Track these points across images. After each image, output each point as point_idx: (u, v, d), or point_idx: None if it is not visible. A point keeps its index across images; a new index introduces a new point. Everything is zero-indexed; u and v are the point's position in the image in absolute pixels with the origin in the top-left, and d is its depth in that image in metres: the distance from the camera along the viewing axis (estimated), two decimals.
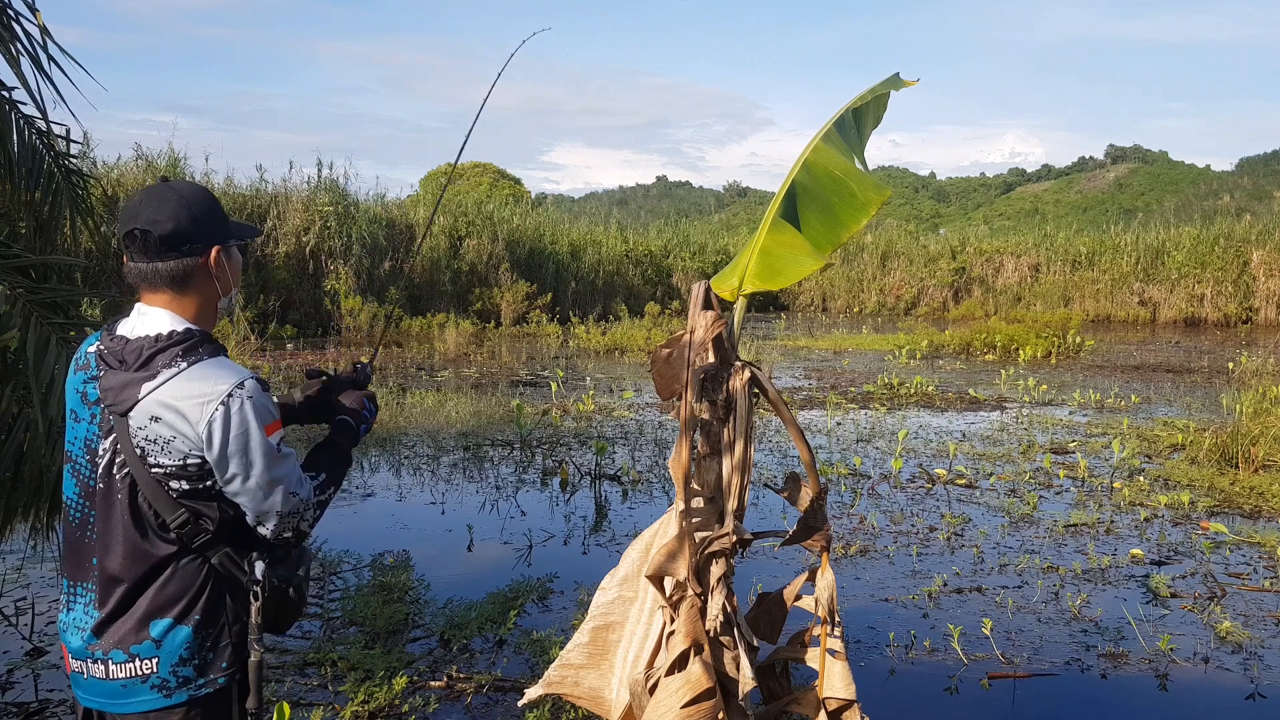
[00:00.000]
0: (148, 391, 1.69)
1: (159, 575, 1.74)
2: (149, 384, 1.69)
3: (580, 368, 15.08)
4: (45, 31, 3.67)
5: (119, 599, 1.74)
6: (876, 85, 2.80)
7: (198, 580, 1.77)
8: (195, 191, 1.82)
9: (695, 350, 2.19)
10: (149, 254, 1.76)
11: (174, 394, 1.69)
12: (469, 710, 3.70)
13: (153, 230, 1.74)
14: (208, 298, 1.84)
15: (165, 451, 1.70)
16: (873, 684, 3.97)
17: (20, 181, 3.84)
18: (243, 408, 1.70)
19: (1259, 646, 4.41)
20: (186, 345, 1.74)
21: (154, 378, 1.70)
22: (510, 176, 46.09)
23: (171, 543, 1.74)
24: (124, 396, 1.70)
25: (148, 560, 1.73)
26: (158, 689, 1.74)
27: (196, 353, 1.74)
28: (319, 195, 21.42)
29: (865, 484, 7.42)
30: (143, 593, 1.74)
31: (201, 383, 1.70)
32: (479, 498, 6.99)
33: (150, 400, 1.69)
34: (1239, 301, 25.88)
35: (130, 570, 1.73)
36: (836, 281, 32.46)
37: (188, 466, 1.71)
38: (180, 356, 1.72)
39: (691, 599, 2.15)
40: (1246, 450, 7.89)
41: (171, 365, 1.71)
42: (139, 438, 1.70)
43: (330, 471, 1.95)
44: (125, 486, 1.73)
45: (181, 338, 1.74)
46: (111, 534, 1.74)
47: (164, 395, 1.69)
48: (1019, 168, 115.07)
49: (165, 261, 1.76)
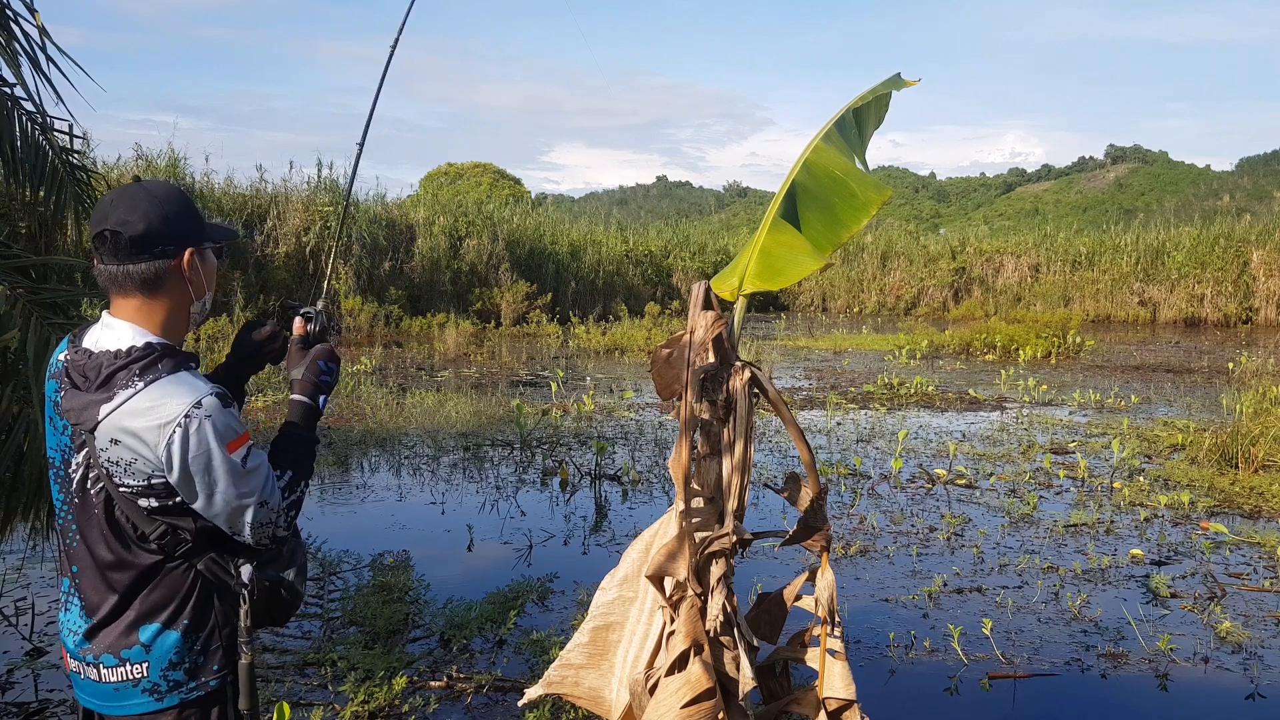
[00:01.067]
0: (106, 414, 1.63)
1: (145, 582, 1.73)
2: (106, 406, 1.64)
3: (580, 368, 15.08)
4: (44, 32, 3.67)
5: (108, 606, 1.73)
6: (878, 85, 2.80)
7: (184, 585, 1.75)
8: (168, 191, 1.76)
9: (695, 350, 2.19)
10: (119, 256, 1.69)
11: (131, 417, 1.63)
12: (469, 710, 3.70)
13: (123, 231, 1.67)
14: (180, 302, 1.78)
15: (129, 473, 1.66)
16: (873, 684, 3.97)
17: (25, 179, 3.84)
18: (200, 428, 1.64)
19: (1259, 646, 4.41)
20: (145, 362, 1.67)
21: (111, 399, 1.64)
22: (510, 176, 46.07)
23: (154, 552, 1.73)
24: (85, 417, 1.66)
25: (132, 569, 1.72)
26: (149, 693, 1.74)
27: (155, 370, 1.67)
28: (319, 195, 21.42)
29: (865, 484, 7.42)
30: (130, 599, 1.73)
31: (158, 404, 1.63)
32: (479, 498, 6.98)
33: (108, 424, 1.64)
34: (1239, 301, 25.87)
35: (115, 578, 1.72)
36: (836, 281, 32.44)
37: (153, 486, 1.67)
38: (137, 375, 1.65)
39: (691, 599, 2.15)
40: (1246, 450, 7.88)
41: (128, 385, 1.65)
42: (103, 458, 1.66)
43: (294, 466, 1.84)
44: (101, 501, 1.71)
45: (141, 354, 1.68)
46: (94, 543, 1.73)
47: (121, 419, 1.63)
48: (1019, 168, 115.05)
49: (136, 264, 1.70)
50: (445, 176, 43.12)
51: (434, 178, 42.63)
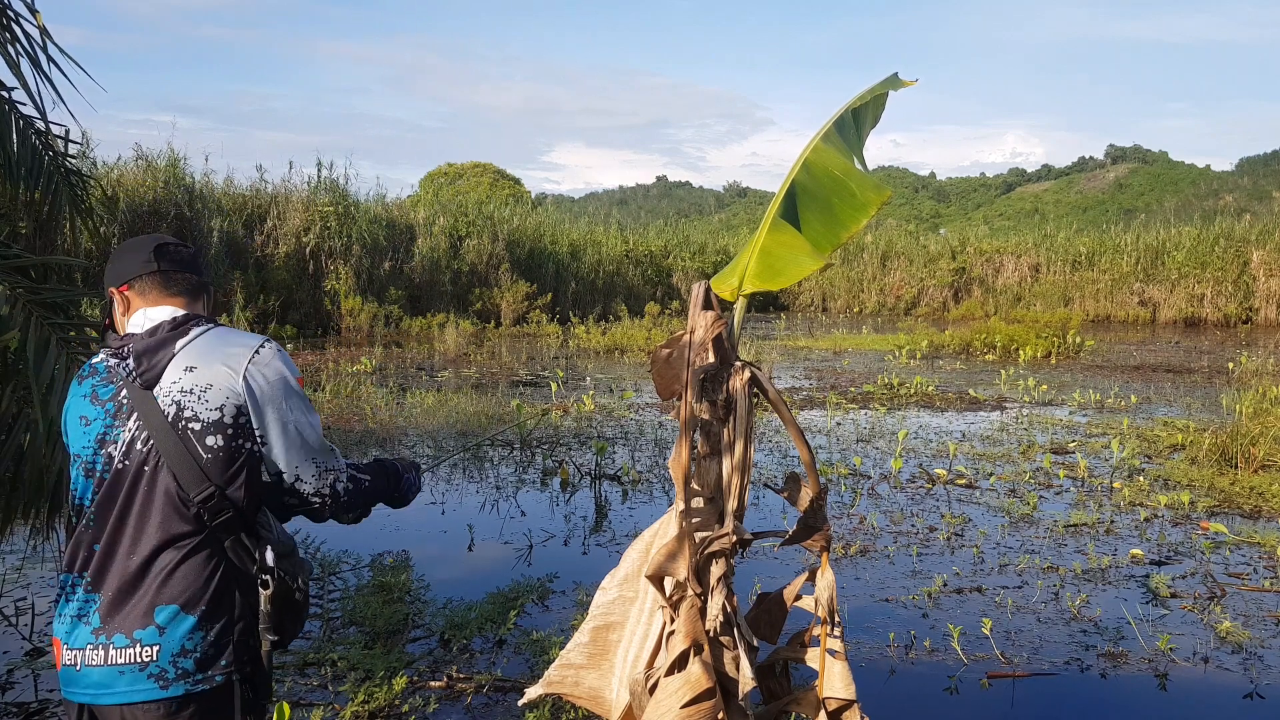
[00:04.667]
0: (182, 346, 1.81)
1: (170, 560, 1.75)
2: (182, 340, 1.83)
3: (580, 368, 15.08)
4: (45, 32, 3.67)
5: (128, 579, 1.74)
6: (875, 85, 2.80)
7: (207, 570, 1.78)
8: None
9: (695, 350, 2.19)
10: (180, 263, 1.93)
11: (209, 346, 1.83)
12: (469, 710, 3.70)
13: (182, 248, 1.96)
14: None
15: (202, 400, 1.77)
16: (873, 684, 3.97)
17: (20, 181, 3.85)
18: (277, 356, 1.86)
19: (1259, 646, 4.41)
20: (202, 320, 1.91)
21: (185, 335, 1.84)
22: (510, 176, 46.08)
23: (189, 522, 1.76)
24: (158, 358, 1.80)
25: (163, 543, 1.74)
26: (155, 678, 1.72)
27: (213, 322, 1.92)
28: (319, 195, 21.42)
29: (865, 484, 7.42)
30: (152, 577, 1.74)
31: (231, 338, 1.87)
32: (479, 498, 6.99)
33: (186, 352, 1.81)
34: (1239, 301, 25.88)
35: (141, 550, 1.74)
36: (836, 281, 32.45)
37: (224, 415, 1.78)
38: (198, 325, 1.88)
39: (691, 599, 2.15)
40: (1246, 450, 7.89)
41: (198, 326, 1.87)
42: (174, 393, 1.77)
43: (370, 475, 2.05)
44: (148, 465, 1.76)
45: (196, 317, 1.91)
46: (127, 517, 1.76)
47: (200, 345, 1.82)
48: (1019, 168, 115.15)
49: (188, 273, 1.95)
50: (445, 176, 43.12)
51: (434, 178, 42.62)
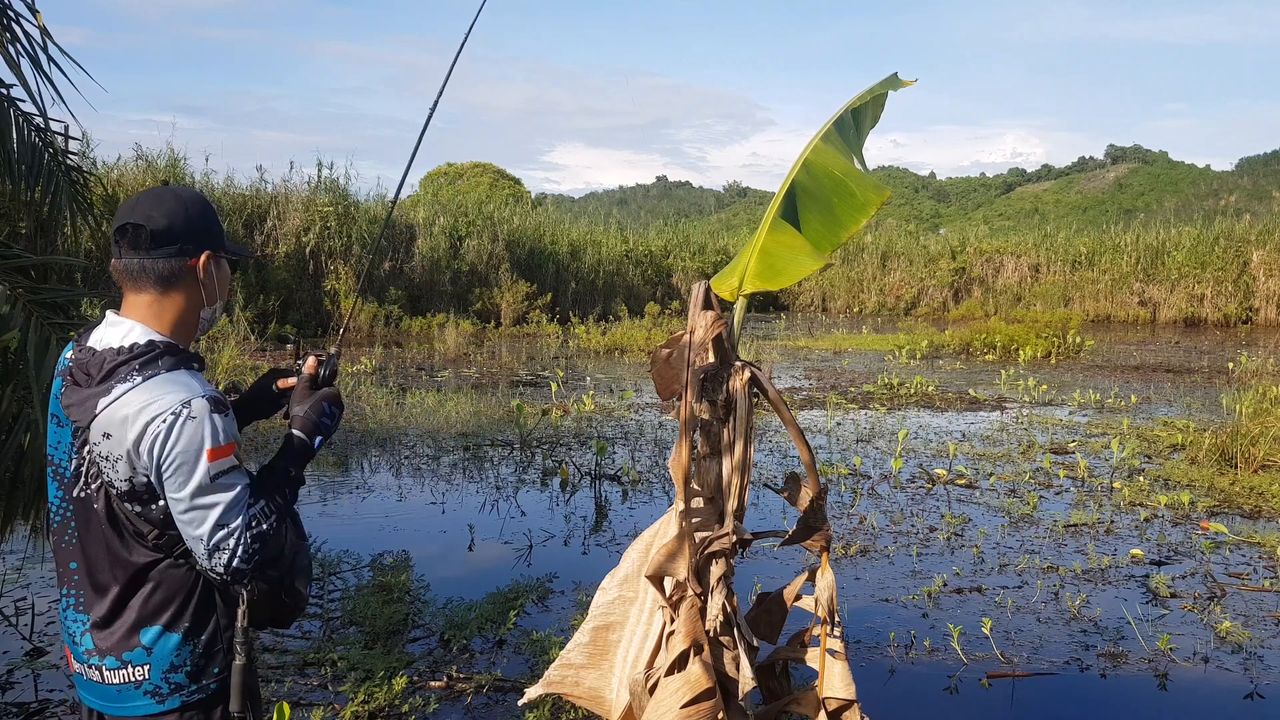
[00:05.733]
0: (102, 408, 1.65)
1: (145, 582, 1.73)
2: (104, 400, 1.65)
3: (580, 368, 15.07)
4: (45, 32, 3.67)
5: (108, 607, 1.73)
6: (875, 85, 2.81)
7: (185, 586, 1.75)
8: (194, 196, 1.81)
9: (695, 350, 2.19)
10: (139, 248, 1.72)
11: (122, 410, 1.64)
12: (469, 710, 3.70)
13: (146, 225, 1.71)
14: (191, 305, 1.80)
15: (114, 469, 1.66)
16: (873, 684, 3.97)
17: (20, 179, 3.84)
18: (183, 427, 1.63)
19: (1259, 646, 4.41)
20: (146, 358, 1.68)
21: (109, 393, 1.65)
22: (510, 177, 46.03)
23: (151, 550, 1.73)
24: (84, 412, 1.67)
25: (131, 567, 1.72)
26: (151, 695, 1.74)
27: (154, 366, 1.68)
28: (319, 195, 21.40)
29: (865, 484, 7.42)
30: (130, 600, 1.73)
31: (149, 399, 1.64)
32: (479, 498, 6.98)
33: (102, 417, 1.65)
34: (1239, 301, 25.87)
35: (115, 578, 1.72)
36: (836, 281, 32.43)
37: (135, 487, 1.67)
38: (136, 370, 1.66)
39: (691, 599, 2.15)
40: (1246, 450, 7.89)
41: (126, 380, 1.66)
42: (96, 453, 1.67)
43: (268, 498, 1.75)
44: (101, 497, 1.71)
45: (143, 350, 1.69)
46: (93, 542, 1.73)
47: (114, 411, 1.64)
48: (1019, 168, 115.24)
49: (154, 258, 1.73)
50: (445, 176, 43.09)
51: (434, 178, 42.57)
